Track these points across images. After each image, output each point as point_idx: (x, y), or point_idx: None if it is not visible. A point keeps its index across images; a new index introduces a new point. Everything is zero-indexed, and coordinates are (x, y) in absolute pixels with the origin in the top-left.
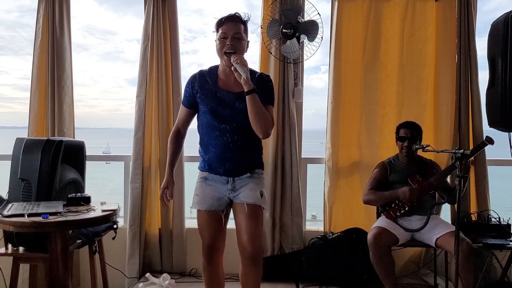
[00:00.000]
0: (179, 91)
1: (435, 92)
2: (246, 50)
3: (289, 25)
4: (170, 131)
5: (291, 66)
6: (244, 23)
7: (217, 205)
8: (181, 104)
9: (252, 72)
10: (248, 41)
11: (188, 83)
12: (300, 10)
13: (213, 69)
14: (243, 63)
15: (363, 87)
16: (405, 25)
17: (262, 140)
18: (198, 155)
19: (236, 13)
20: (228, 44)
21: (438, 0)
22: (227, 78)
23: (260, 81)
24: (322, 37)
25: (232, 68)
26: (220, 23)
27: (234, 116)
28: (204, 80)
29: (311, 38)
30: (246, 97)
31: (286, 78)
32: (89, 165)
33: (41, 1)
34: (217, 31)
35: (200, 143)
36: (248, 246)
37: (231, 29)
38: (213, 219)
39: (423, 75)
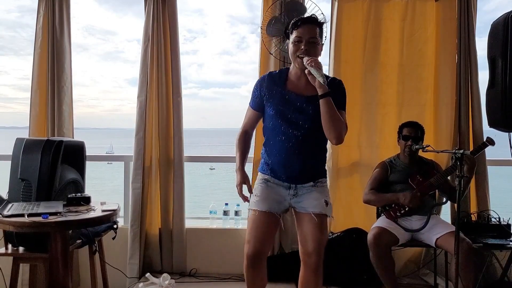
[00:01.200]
0: (179, 91)
1: (435, 92)
2: (320, 54)
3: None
4: (170, 131)
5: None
6: (321, 26)
7: (276, 208)
8: (249, 105)
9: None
10: (322, 44)
11: (256, 85)
12: (304, 10)
13: (284, 71)
14: (318, 66)
15: (363, 87)
16: (405, 25)
17: (326, 150)
18: (261, 157)
19: (313, 15)
20: (302, 49)
21: (438, 0)
22: (298, 81)
23: (333, 85)
24: (325, 37)
25: (306, 71)
26: (296, 26)
27: (303, 120)
28: (273, 82)
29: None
30: (321, 100)
31: None
32: (90, 165)
33: (41, 1)
34: (291, 33)
35: (265, 146)
36: (313, 256)
37: (307, 33)
38: (269, 221)
39: (423, 75)
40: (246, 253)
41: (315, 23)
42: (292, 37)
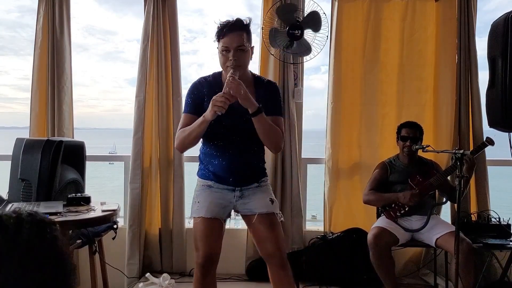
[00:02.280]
0: (179, 91)
1: (435, 92)
2: (251, 57)
3: (295, 25)
4: (170, 131)
5: (291, 66)
6: (247, 29)
7: (221, 212)
8: (184, 113)
9: (258, 79)
10: (252, 47)
11: (193, 89)
12: (294, 8)
13: (217, 76)
14: (235, 89)
15: (363, 87)
16: (405, 25)
17: (264, 150)
18: (199, 161)
19: (237, 20)
20: (231, 59)
21: (438, 0)
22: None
23: (270, 90)
24: (327, 36)
25: (229, 74)
26: (221, 34)
27: (242, 123)
28: (210, 87)
29: (317, 28)
30: (253, 118)
31: (286, 78)
32: (92, 165)
33: (41, 1)
34: (218, 41)
35: (204, 152)
36: (276, 254)
37: (234, 41)
38: (215, 227)
39: (423, 75)
40: (197, 262)
41: (241, 29)
42: (219, 46)
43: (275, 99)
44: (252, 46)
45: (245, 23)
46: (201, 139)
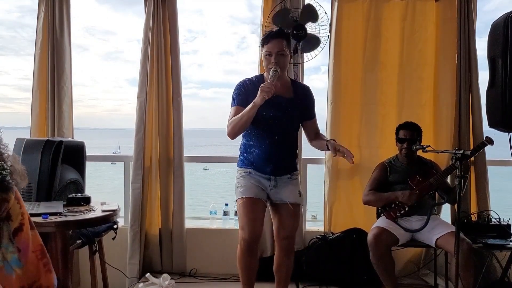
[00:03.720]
0: (179, 92)
1: (435, 92)
2: (291, 61)
3: (296, 27)
4: (170, 131)
5: (291, 66)
6: (287, 37)
7: (261, 194)
8: (233, 106)
9: (295, 81)
10: (291, 53)
11: (240, 86)
12: (287, 11)
13: (260, 77)
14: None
15: (363, 87)
16: (405, 25)
17: (298, 146)
18: (240, 153)
19: (279, 29)
20: (273, 62)
21: (438, 0)
22: (274, 86)
23: (308, 94)
24: (328, 36)
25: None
26: (265, 41)
27: (282, 119)
28: (255, 85)
29: (315, 18)
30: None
31: None
32: (94, 165)
33: (42, 1)
34: (263, 47)
35: (245, 144)
36: (289, 238)
37: (275, 47)
38: (258, 206)
39: (423, 75)
40: (243, 238)
41: (282, 37)
42: (263, 51)
43: (313, 103)
44: (291, 51)
45: (285, 32)
46: (244, 132)
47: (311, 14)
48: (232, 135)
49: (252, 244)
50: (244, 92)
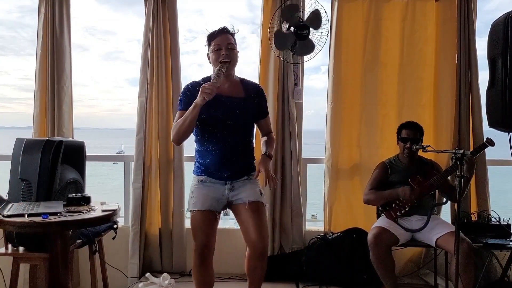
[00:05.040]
0: (179, 92)
1: (435, 92)
2: (238, 58)
3: (301, 26)
4: (170, 131)
5: (291, 66)
6: (233, 35)
7: (215, 205)
8: (178, 111)
9: (244, 80)
10: (237, 52)
11: (186, 90)
12: (297, 8)
13: (207, 79)
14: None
15: (363, 87)
16: (405, 25)
17: (253, 147)
18: (195, 161)
19: (225, 26)
20: (223, 54)
21: (438, 0)
22: (222, 85)
23: (259, 92)
24: (328, 34)
25: (217, 68)
26: (212, 36)
27: (234, 120)
28: (200, 87)
29: (317, 26)
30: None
31: (286, 78)
32: (95, 165)
33: (42, 1)
34: (210, 44)
35: (198, 150)
36: (259, 242)
37: (224, 40)
38: (210, 219)
39: (423, 75)
40: (196, 250)
41: (229, 33)
42: (212, 47)
43: (265, 101)
44: (237, 51)
45: (230, 30)
46: (194, 138)
47: (316, 20)
48: (177, 140)
49: (204, 255)
50: (190, 96)
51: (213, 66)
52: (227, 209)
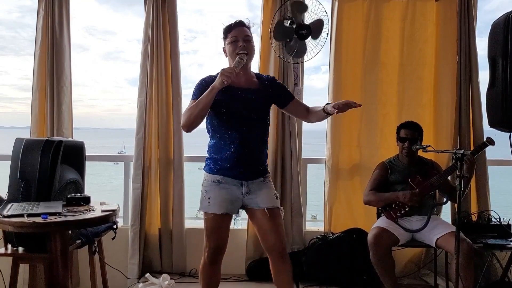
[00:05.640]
0: (178, 91)
1: (435, 92)
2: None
3: (300, 26)
4: (170, 131)
5: (291, 66)
6: (249, 28)
7: (231, 208)
8: (191, 100)
9: (258, 73)
10: (254, 45)
11: (202, 82)
12: (305, 8)
13: None
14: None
15: (363, 87)
16: (405, 25)
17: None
18: (207, 156)
19: (241, 19)
20: (240, 46)
21: (438, 0)
22: (238, 79)
23: (274, 81)
24: (328, 34)
25: (238, 56)
26: (229, 29)
27: (251, 113)
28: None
29: (316, 36)
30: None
31: (286, 78)
32: (95, 165)
33: (41, 1)
34: (226, 37)
35: (212, 145)
36: (278, 246)
37: (241, 32)
38: (225, 221)
39: (423, 75)
40: (209, 252)
41: (245, 25)
42: (228, 39)
43: (283, 87)
44: (254, 44)
45: (248, 24)
46: (209, 132)
47: (300, 7)
48: (188, 126)
49: (215, 256)
50: (206, 87)
51: (230, 59)
52: (240, 210)
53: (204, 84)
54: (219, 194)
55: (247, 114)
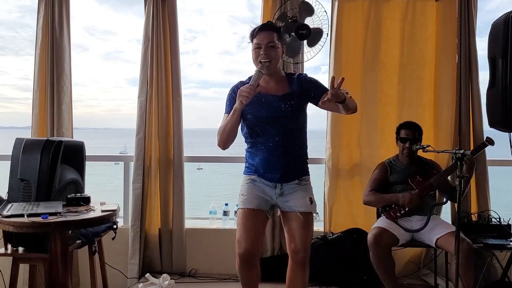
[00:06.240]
0: (178, 91)
1: (435, 92)
2: (282, 57)
3: (301, 26)
4: (170, 131)
5: (291, 66)
6: (278, 30)
7: (264, 205)
8: (225, 113)
9: (289, 74)
10: (284, 47)
11: (232, 92)
12: (285, 14)
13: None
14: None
15: (363, 87)
16: (405, 25)
17: (307, 147)
18: (245, 161)
19: (268, 21)
20: (262, 54)
21: (439, 0)
22: (266, 84)
23: (304, 79)
24: (328, 34)
25: (256, 69)
26: (254, 34)
27: (280, 119)
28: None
29: (311, 12)
30: (344, 104)
31: None
32: (95, 165)
33: (41, 1)
34: (252, 41)
35: (247, 150)
36: (300, 252)
37: (265, 38)
38: (258, 219)
39: (424, 75)
40: (238, 253)
41: (271, 29)
42: (252, 45)
43: (313, 81)
44: (283, 46)
45: (276, 25)
46: (244, 139)
47: (307, 9)
48: (222, 144)
49: (247, 259)
50: (234, 98)
51: (254, 63)
52: (274, 210)
53: (233, 95)
54: (252, 191)
55: (277, 121)
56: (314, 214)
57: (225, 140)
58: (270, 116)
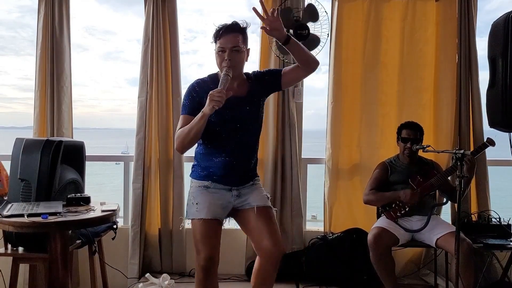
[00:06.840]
0: (178, 92)
1: (435, 92)
2: (247, 59)
3: (301, 26)
4: (170, 131)
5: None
6: (243, 32)
7: (221, 213)
8: (182, 114)
9: (247, 74)
10: (248, 49)
11: (191, 91)
12: (290, 10)
13: (214, 77)
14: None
15: (363, 87)
16: (405, 25)
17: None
18: (194, 162)
19: (233, 22)
20: (226, 59)
21: (439, 0)
22: (230, 85)
23: (261, 73)
24: (328, 34)
25: (224, 72)
26: (217, 36)
27: (245, 120)
28: (207, 87)
29: (315, 18)
30: (289, 45)
31: None
32: (95, 165)
33: (41, 1)
34: (215, 43)
35: (202, 152)
36: (274, 250)
37: (229, 42)
38: (215, 228)
39: (424, 75)
40: (200, 264)
41: (236, 31)
42: (216, 47)
43: (268, 70)
44: (248, 48)
45: (241, 26)
46: (200, 139)
47: (312, 14)
48: (181, 150)
49: (209, 269)
50: (196, 97)
51: (218, 67)
52: (230, 218)
53: (194, 95)
54: (207, 199)
55: (239, 123)
56: (274, 209)
57: (187, 145)
58: (235, 118)
